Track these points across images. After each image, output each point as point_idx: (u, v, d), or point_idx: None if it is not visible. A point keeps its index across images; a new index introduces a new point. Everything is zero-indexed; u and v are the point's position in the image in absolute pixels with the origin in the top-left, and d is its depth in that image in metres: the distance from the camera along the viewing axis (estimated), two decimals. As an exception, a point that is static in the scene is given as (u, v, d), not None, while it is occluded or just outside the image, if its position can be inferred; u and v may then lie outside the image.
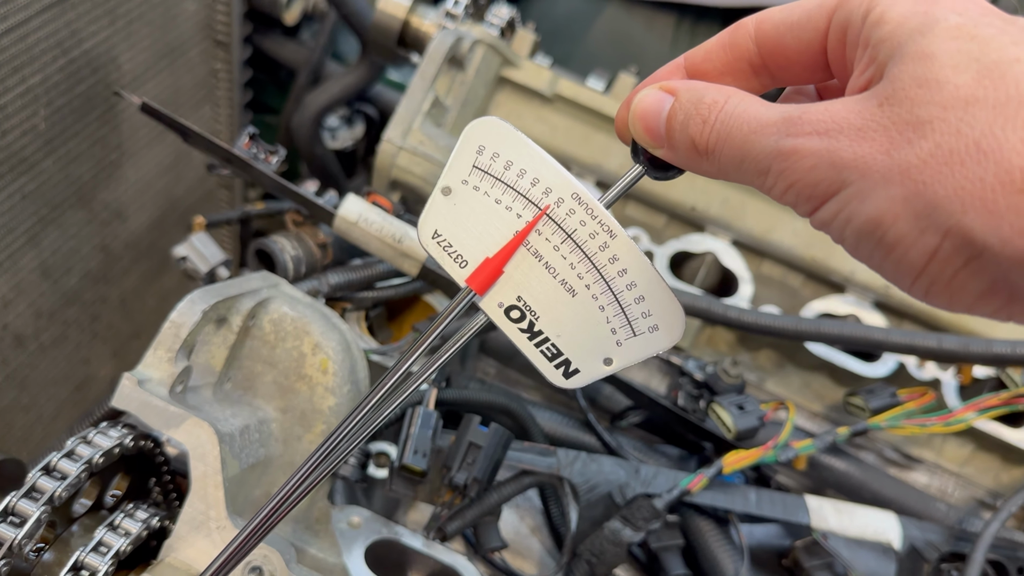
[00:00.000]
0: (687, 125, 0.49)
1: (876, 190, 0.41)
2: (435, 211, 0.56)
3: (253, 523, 0.60)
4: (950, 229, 0.39)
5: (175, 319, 0.81)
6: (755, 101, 0.47)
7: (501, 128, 0.54)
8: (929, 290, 0.42)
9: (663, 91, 0.51)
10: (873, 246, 0.42)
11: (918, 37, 0.41)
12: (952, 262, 0.40)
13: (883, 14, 0.43)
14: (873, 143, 0.41)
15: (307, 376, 0.91)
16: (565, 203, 0.54)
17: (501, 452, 0.95)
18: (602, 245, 0.54)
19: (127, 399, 0.76)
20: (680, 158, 0.51)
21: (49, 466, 0.71)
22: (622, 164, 1.38)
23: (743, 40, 0.51)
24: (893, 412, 1.12)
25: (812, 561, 1.07)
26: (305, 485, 0.60)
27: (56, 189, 1.41)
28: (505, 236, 0.55)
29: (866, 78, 0.44)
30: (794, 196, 0.45)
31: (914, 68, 0.41)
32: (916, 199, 0.39)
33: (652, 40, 1.83)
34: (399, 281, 1.13)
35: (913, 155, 0.39)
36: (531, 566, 1.07)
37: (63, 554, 0.72)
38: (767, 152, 0.45)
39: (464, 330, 0.58)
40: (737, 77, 0.52)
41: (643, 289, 0.54)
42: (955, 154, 0.38)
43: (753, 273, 1.33)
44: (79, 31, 1.31)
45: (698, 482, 1.01)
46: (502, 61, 1.36)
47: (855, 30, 0.45)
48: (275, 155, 1.05)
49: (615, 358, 0.56)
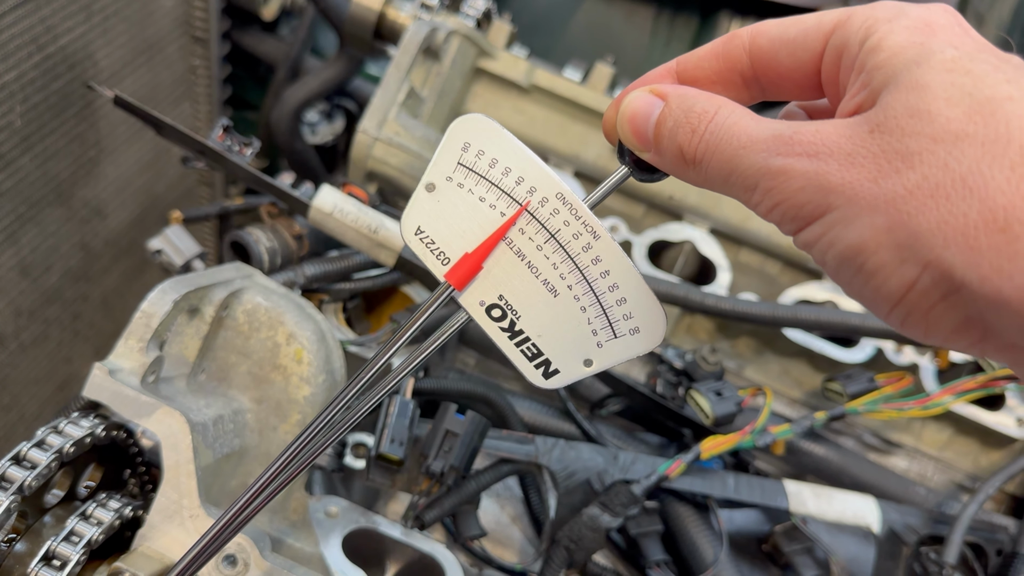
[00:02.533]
0: (676, 132, 0.49)
1: (861, 217, 0.41)
2: (418, 207, 0.56)
3: (228, 514, 0.60)
4: (930, 262, 0.39)
5: (146, 309, 0.81)
6: (745, 114, 0.47)
7: (487, 125, 0.54)
8: (905, 320, 0.42)
9: (653, 95, 0.51)
10: (853, 272, 0.43)
11: (913, 67, 0.41)
12: (929, 295, 0.40)
13: (880, 41, 0.43)
14: (861, 170, 0.41)
15: (282, 366, 0.91)
16: (549, 203, 0.53)
17: (478, 440, 0.95)
18: (585, 246, 0.53)
19: (98, 389, 0.76)
20: (666, 164, 0.51)
21: (19, 456, 0.71)
22: (599, 154, 1.38)
23: (737, 51, 0.51)
24: (871, 396, 1.13)
25: (792, 546, 1.07)
26: (282, 477, 0.60)
27: (34, 186, 1.40)
28: (488, 234, 0.55)
29: (857, 102, 0.44)
30: (779, 215, 0.45)
31: (907, 98, 0.41)
32: (899, 229, 0.40)
33: (631, 32, 1.83)
34: (376, 272, 1.13)
35: (900, 185, 0.40)
36: (511, 554, 1.08)
37: (35, 544, 0.71)
38: (755, 169, 0.45)
39: (445, 326, 0.57)
40: (727, 87, 0.52)
41: (625, 291, 0.54)
42: (941, 188, 0.38)
43: (731, 261, 1.34)
44: (54, 27, 1.31)
45: (676, 467, 1.01)
46: (478, 52, 1.36)
47: (851, 54, 0.45)
48: (249, 147, 1.05)
49: (595, 359, 0.56)
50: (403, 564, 0.95)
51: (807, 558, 1.07)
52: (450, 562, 0.91)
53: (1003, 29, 1.72)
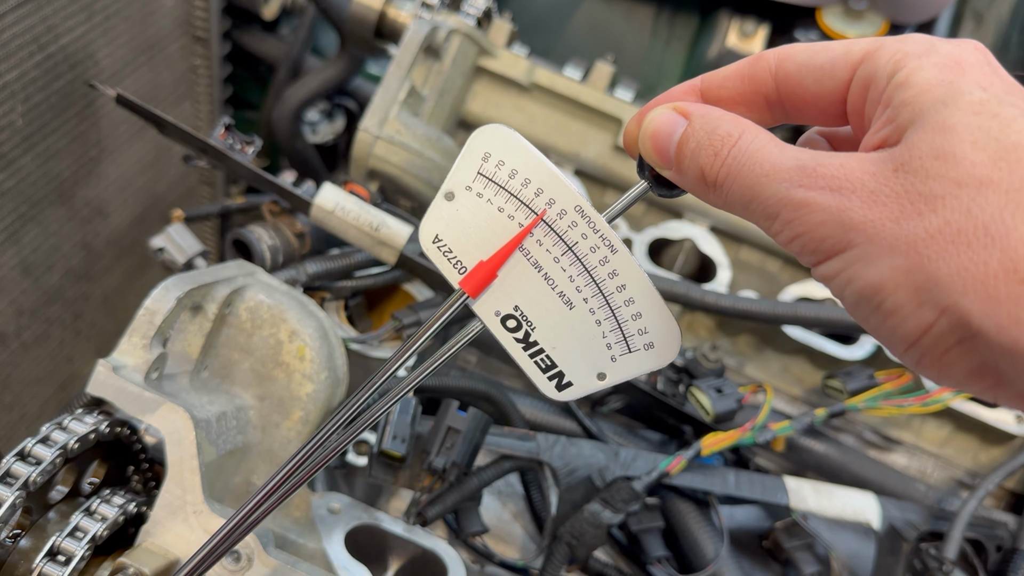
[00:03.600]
0: (698, 154, 0.49)
1: (881, 257, 0.41)
2: (437, 215, 0.56)
3: (238, 516, 0.61)
4: (948, 308, 0.39)
5: (149, 306, 0.81)
6: (769, 140, 0.47)
7: (508, 136, 0.54)
8: (919, 361, 0.42)
9: (677, 112, 0.51)
10: (870, 310, 0.43)
11: (941, 107, 0.41)
12: (945, 339, 0.40)
13: (909, 77, 0.43)
14: (884, 209, 0.41)
15: (284, 363, 0.91)
16: (568, 215, 0.53)
17: (480, 436, 0.96)
18: (602, 259, 0.53)
19: (102, 385, 0.76)
20: (687, 183, 0.51)
21: (24, 452, 0.71)
22: (600, 152, 1.38)
23: (762, 74, 0.51)
24: (871, 393, 1.13)
25: (792, 542, 1.07)
26: (291, 481, 0.61)
27: (35, 186, 1.40)
28: (504, 243, 0.55)
29: (882, 136, 0.44)
30: (799, 247, 0.45)
31: (933, 138, 0.40)
32: (918, 272, 0.40)
33: (631, 31, 1.84)
34: (378, 270, 1.14)
35: (921, 228, 0.40)
36: (513, 551, 1.08)
37: (39, 540, 0.72)
38: (777, 198, 0.45)
39: (460, 334, 0.58)
40: (751, 108, 0.52)
41: (641, 306, 0.54)
42: (963, 234, 0.38)
43: (731, 259, 1.34)
44: (55, 26, 1.31)
45: (677, 464, 1.02)
46: (479, 51, 1.37)
47: (878, 87, 0.45)
48: (251, 145, 1.06)
49: (609, 373, 0.56)
50: (405, 560, 0.95)
51: (807, 554, 1.07)
52: (452, 558, 0.91)
53: (1002, 27, 1.73)
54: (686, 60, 1.83)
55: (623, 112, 1.37)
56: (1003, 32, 1.73)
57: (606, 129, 1.39)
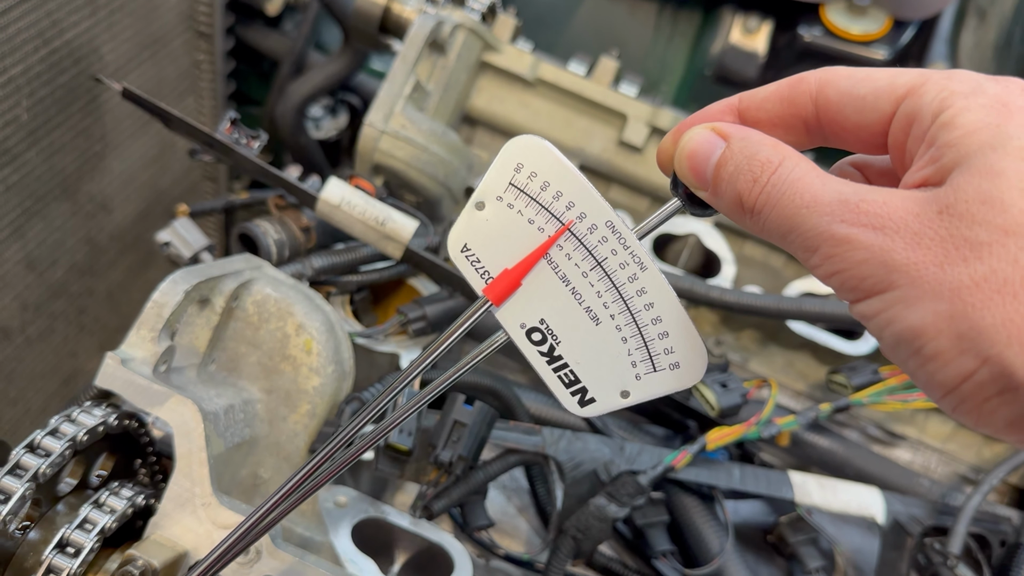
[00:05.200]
0: (736, 178, 0.48)
1: (923, 301, 0.40)
2: (466, 225, 0.55)
3: (253, 517, 0.61)
4: (990, 358, 0.39)
5: (157, 299, 0.81)
6: (810, 170, 0.46)
7: (541, 148, 0.53)
8: (957, 407, 0.42)
9: (715, 133, 0.50)
10: (909, 353, 0.42)
11: (988, 151, 0.40)
12: (985, 389, 0.40)
13: (954, 118, 0.42)
14: (928, 252, 0.41)
15: (291, 357, 0.91)
16: (598, 230, 0.53)
17: (486, 430, 0.96)
18: (631, 276, 0.53)
19: (110, 378, 0.77)
20: (722, 207, 0.50)
21: (33, 444, 0.71)
22: (605, 148, 1.38)
23: (803, 98, 0.50)
24: (875, 388, 1.13)
25: (797, 536, 1.08)
26: (308, 484, 0.61)
27: (40, 181, 1.40)
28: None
29: (923, 176, 0.44)
30: (838, 283, 0.44)
31: (980, 183, 0.40)
32: (961, 320, 0.39)
33: (634, 26, 1.84)
34: (383, 265, 1.14)
35: (966, 275, 0.39)
36: (518, 545, 1.08)
37: (48, 532, 0.72)
38: (818, 232, 0.44)
39: (485, 344, 0.58)
40: (789, 132, 0.51)
41: (668, 325, 0.53)
42: (1008, 284, 0.38)
43: (735, 254, 1.34)
44: (60, 21, 1.31)
45: (682, 458, 1.02)
46: (483, 46, 1.37)
47: (922, 126, 0.45)
48: (257, 140, 1.06)
49: (632, 391, 0.55)
50: (412, 553, 0.96)
51: (812, 549, 1.08)
52: (459, 551, 0.92)
53: (1005, 23, 1.73)
54: (689, 55, 1.83)
55: (627, 107, 1.37)
56: (1006, 28, 1.73)
57: (610, 124, 1.39)
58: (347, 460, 0.61)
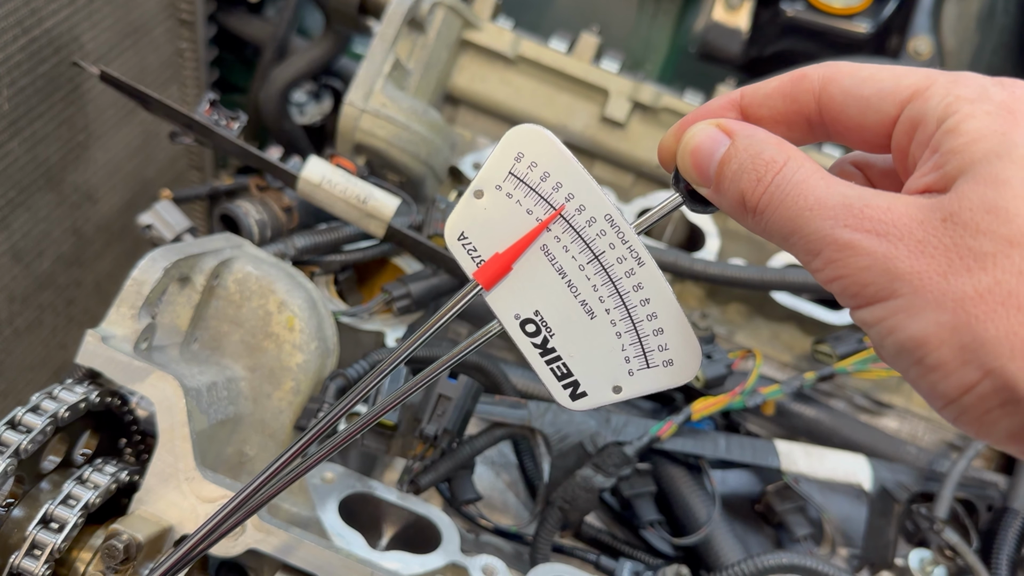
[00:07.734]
0: (740, 176, 0.47)
1: (926, 311, 0.40)
2: (464, 213, 0.55)
3: (240, 496, 0.62)
4: (993, 370, 0.38)
5: (136, 276, 0.81)
6: (815, 172, 0.46)
7: (543, 138, 0.53)
8: (959, 417, 0.42)
9: (719, 130, 0.49)
10: (911, 362, 0.42)
11: (994, 159, 0.40)
12: (988, 400, 0.40)
13: (959, 124, 0.42)
14: (931, 261, 0.40)
15: (274, 334, 0.92)
16: (597, 223, 0.53)
17: (471, 403, 0.96)
18: (628, 271, 0.53)
19: (91, 355, 0.77)
20: (724, 205, 0.50)
21: (14, 420, 0.72)
22: (587, 124, 1.38)
23: (805, 96, 0.49)
24: (860, 356, 1.13)
25: (784, 505, 1.09)
26: (297, 466, 0.62)
27: (23, 171, 1.40)
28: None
29: (927, 182, 0.43)
30: (840, 288, 0.44)
31: (984, 191, 0.40)
32: (965, 331, 0.39)
33: (617, 4, 1.84)
34: (367, 244, 1.14)
35: (970, 286, 0.39)
36: (507, 518, 1.09)
37: (32, 509, 0.72)
38: (820, 235, 0.44)
39: (480, 333, 0.57)
40: (791, 128, 0.51)
41: (664, 322, 0.53)
42: (1013, 296, 0.38)
43: (719, 228, 1.35)
44: (39, 9, 1.31)
45: (668, 429, 1.02)
46: (463, 23, 1.37)
47: (926, 131, 0.44)
48: (236, 121, 1.06)
49: (625, 387, 0.55)
50: (400, 527, 0.96)
51: (800, 517, 1.08)
52: (446, 524, 0.92)
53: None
54: (672, 33, 1.82)
55: (609, 83, 1.37)
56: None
57: (593, 100, 1.39)
58: (341, 441, 0.61)
